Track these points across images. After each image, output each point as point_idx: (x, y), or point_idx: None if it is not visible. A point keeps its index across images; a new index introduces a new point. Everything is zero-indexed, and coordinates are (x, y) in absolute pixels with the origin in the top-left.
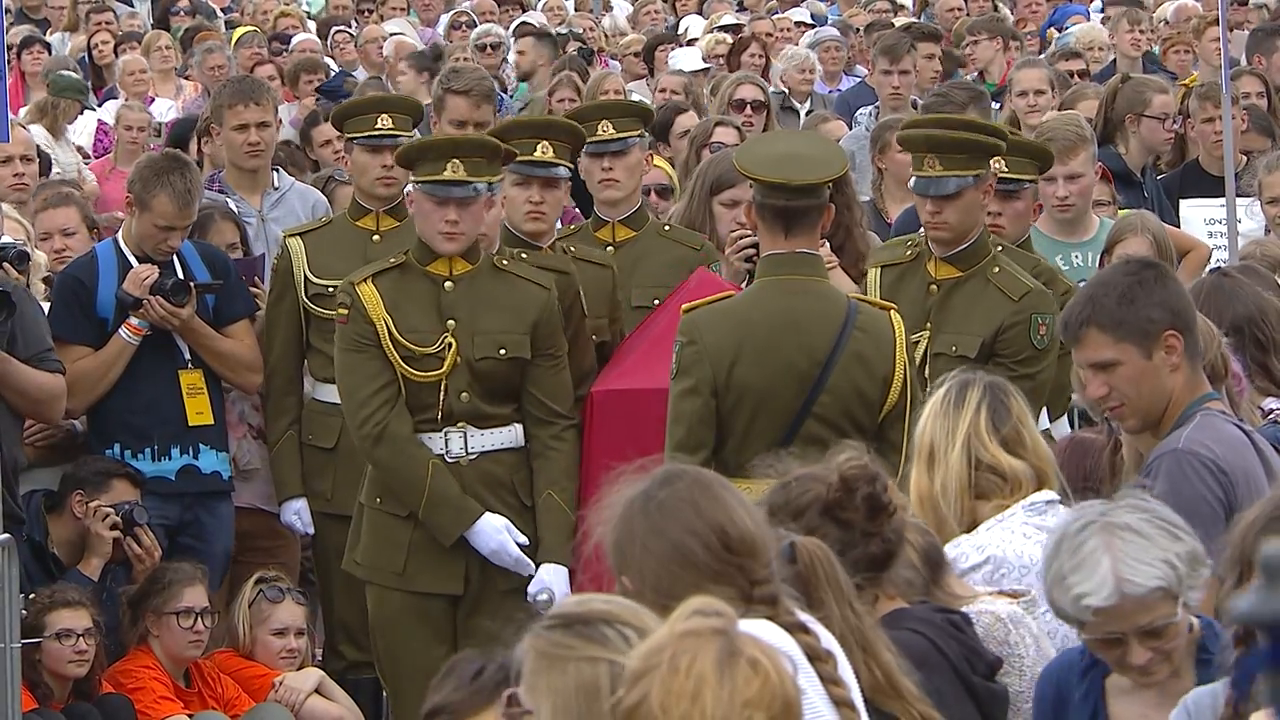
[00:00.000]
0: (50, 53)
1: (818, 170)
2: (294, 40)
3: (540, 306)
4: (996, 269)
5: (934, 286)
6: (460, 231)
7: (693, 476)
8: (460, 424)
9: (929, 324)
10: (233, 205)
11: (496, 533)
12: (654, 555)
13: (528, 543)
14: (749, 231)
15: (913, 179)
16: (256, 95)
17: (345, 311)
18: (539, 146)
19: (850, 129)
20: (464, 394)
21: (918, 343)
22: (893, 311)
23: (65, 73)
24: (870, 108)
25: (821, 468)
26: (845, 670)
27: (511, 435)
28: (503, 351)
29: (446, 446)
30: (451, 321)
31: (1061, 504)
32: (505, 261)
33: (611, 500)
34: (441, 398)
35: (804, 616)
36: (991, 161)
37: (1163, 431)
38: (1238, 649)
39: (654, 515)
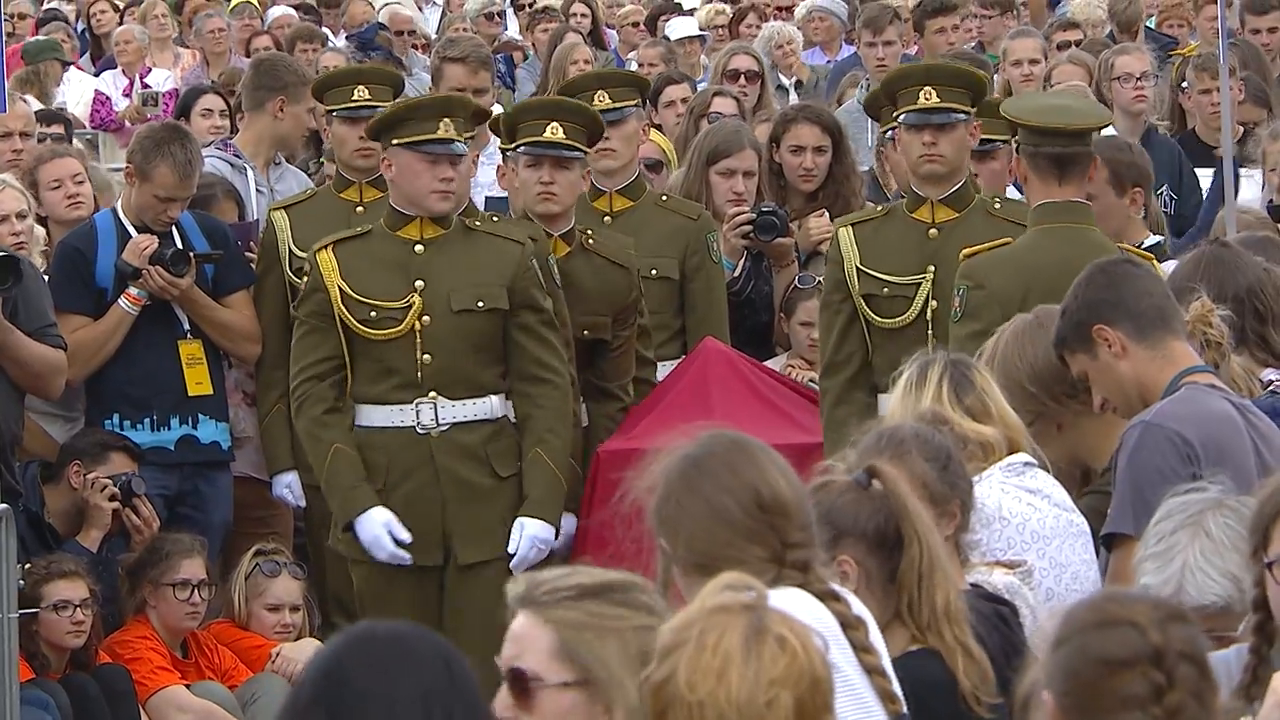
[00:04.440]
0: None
1: (1087, 117)
2: (271, 15)
3: (516, 261)
4: (998, 204)
5: (934, 230)
6: (453, 190)
7: (730, 438)
8: (431, 393)
9: (931, 266)
10: (250, 175)
11: (374, 526)
12: (689, 513)
13: (409, 539)
14: (745, 208)
15: (903, 116)
16: None
17: (306, 278)
18: (549, 127)
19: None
20: (429, 355)
21: (918, 286)
22: (1153, 261)
23: (36, 38)
24: (865, 79)
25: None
26: (876, 637)
27: (486, 407)
28: (480, 304)
29: (418, 418)
30: (420, 282)
31: (1040, 468)
32: (478, 223)
33: (652, 466)
34: (408, 356)
35: (835, 585)
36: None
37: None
38: (1256, 614)
39: (690, 474)
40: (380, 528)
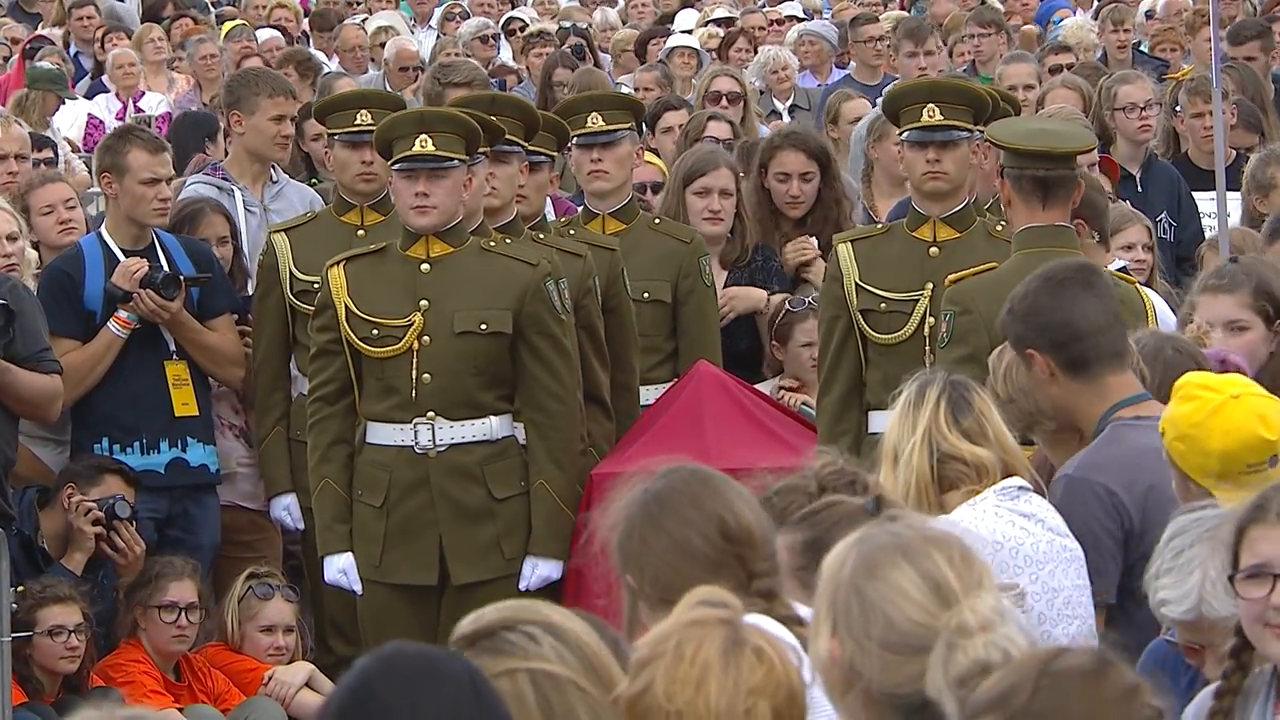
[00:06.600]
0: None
1: (1073, 142)
2: (261, 37)
3: (525, 284)
4: (1000, 226)
5: (935, 249)
6: (432, 205)
7: (690, 471)
8: (429, 414)
9: (929, 284)
10: (238, 195)
11: (334, 570)
12: (653, 549)
13: (359, 591)
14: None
15: (906, 133)
16: (291, 88)
17: (306, 300)
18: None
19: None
20: (428, 375)
21: (916, 302)
22: (1138, 285)
23: (43, 64)
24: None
25: (799, 476)
26: None
27: (486, 428)
28: (484, 326)
29: (415, 438)
30: (424, 302)
31: (1034, 492)
32: (492, 243)
33: (614, 503)
34: (406, 376)
35: (800, 610)
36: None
37: (1086, 440)
38: (1237, 637)
39: (652, 509)
40: (338, 574)
